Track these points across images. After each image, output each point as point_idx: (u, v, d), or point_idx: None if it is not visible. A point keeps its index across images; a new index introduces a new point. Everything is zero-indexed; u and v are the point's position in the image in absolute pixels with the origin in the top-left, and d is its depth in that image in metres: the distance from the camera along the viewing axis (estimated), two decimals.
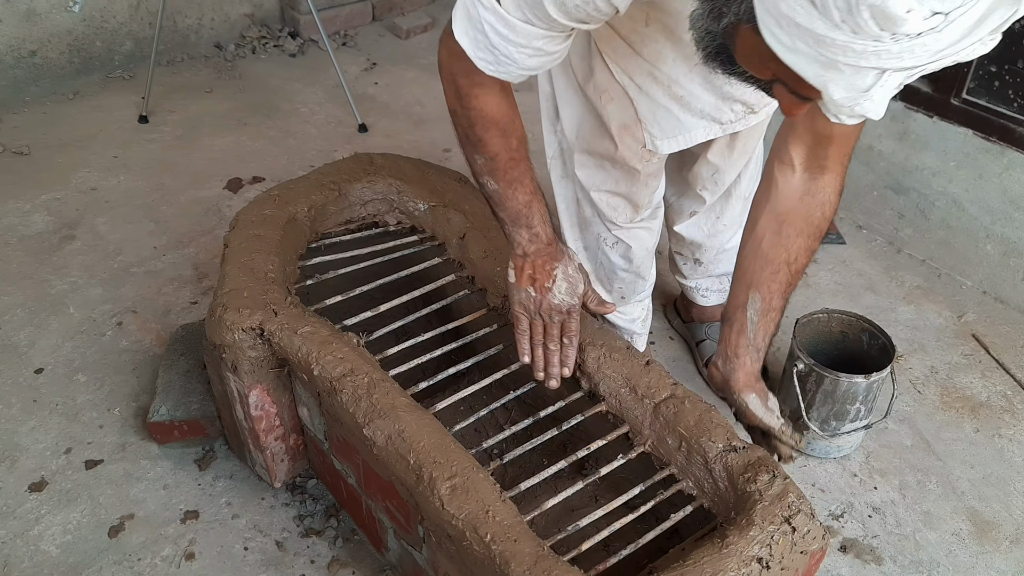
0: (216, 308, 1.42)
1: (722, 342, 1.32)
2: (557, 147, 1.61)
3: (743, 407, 1.30)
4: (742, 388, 1.30)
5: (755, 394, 1.30)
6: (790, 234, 1.25)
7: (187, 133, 2.68)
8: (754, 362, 1.31)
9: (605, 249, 1.63)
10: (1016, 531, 1.62)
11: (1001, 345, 2.03)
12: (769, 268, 1.26)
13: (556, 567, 1.06)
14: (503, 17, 1.05)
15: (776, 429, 1.28)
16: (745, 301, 1.28)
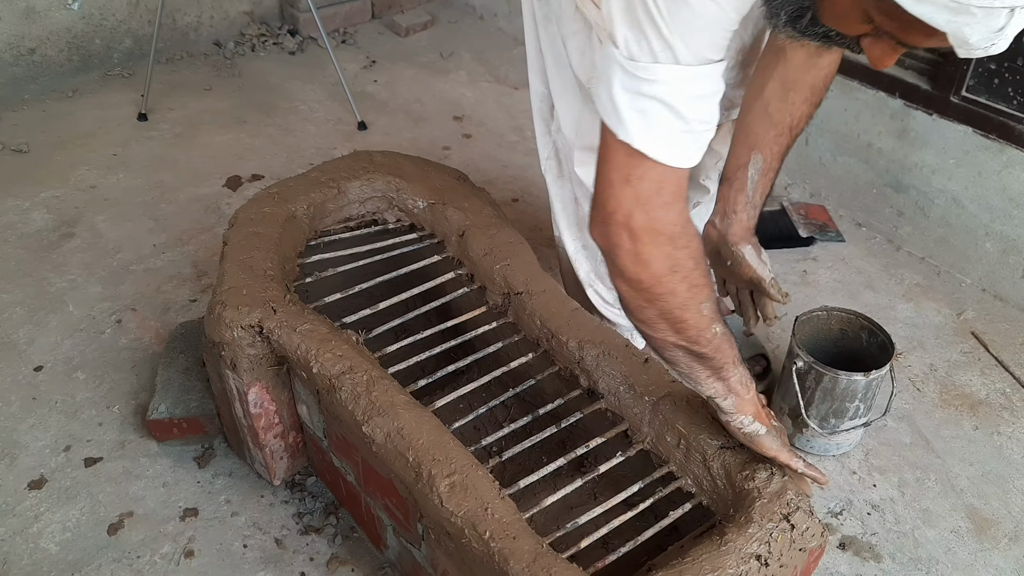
0: (215, 306, 1.42)
1: (720, 201, 1.40)
2: (552, 148, 1.61)
3: (739, 258, 1.39)
4: (739, 240, 1.40)
5: (750, 246, 1.41)
6: (795, 101, 1.32)
7: (186, 131, 2.68)
8: (750, 218, 1.41)
9: None
10: (1015, 528, 1.62)
11: (1000, 343, 2.03)
12: (774, 131, 1.35)
13: (555, 564, 1.07)
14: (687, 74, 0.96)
15: (767, 280, 1.38)
16: (747, 161, 1.36)
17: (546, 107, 1.57)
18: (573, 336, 1.39)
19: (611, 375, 1.34)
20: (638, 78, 0.97)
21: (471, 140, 2.73)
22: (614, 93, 0.99)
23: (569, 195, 1.62)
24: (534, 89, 1.58)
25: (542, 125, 1.60)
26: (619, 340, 1.38)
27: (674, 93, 0.97)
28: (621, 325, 1.76)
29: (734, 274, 1.47)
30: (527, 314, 1.47)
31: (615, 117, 1.00)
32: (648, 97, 0.98)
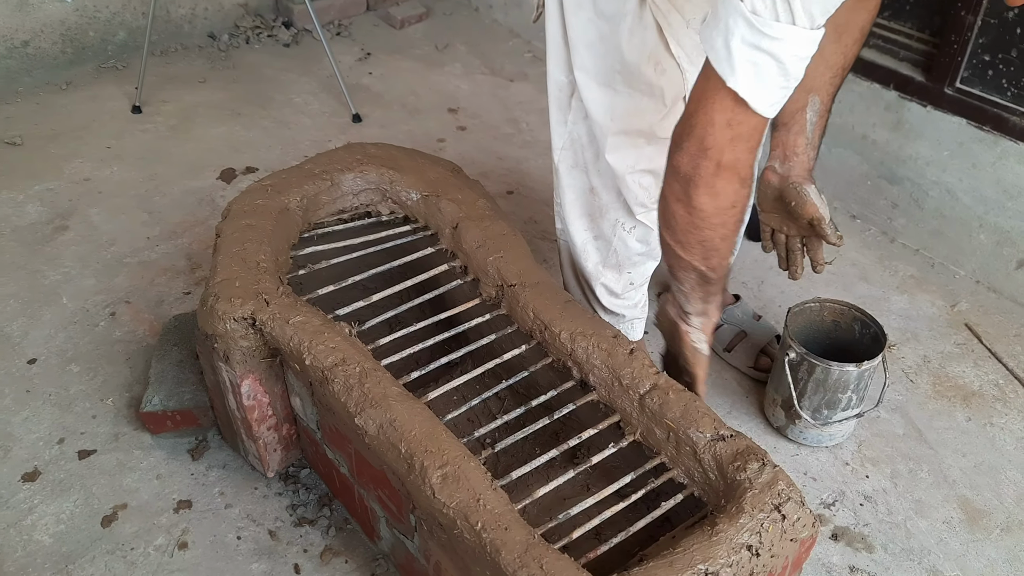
0: (208, 298, 1.42)
1: (778, 146, 1.46)
2: (568, 138, 1.60)
3: (804, 196, 1.46)
4: (803, 180, 1.47)
5: (813, 186, 1.47)
6: (848, 43, 1.38)
7: (180, 123, 2.68)
8: (811, 159, 1.48)
9: (622, 235, 1.63)
10: (1007, 519, 1.62)
11: (994, 334, 2.04)
12: (829, 73, 1.40)
13: (546, 555, 1.07)
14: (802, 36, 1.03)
15: (827, 219, 1.46)
16: (805, 104, 1.42)
17: (564, 96, 1.57)
18: (565, 328, 1.39)
19: (599, 368, 1.35)
20: (762, 33, 1.03)
21: (466, 132, 2.73)
22: (731, 43, 1.05)
23: (583, 185, 1.61)
24: (553, 78, 1.57)
25: (558, 115, 1.60)
26: (607, 331, 1.38)
27: (788, 52, 1.04)
28: (624, 316, 1.75)
29: (794, 216, 1.52)
30: (520, 306, 1.47)
31: (727, 64, 1.07)
32: (765, 52, 1.04)
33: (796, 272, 1.62)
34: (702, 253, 1.24)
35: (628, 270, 1.69)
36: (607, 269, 1.67)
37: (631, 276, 1.70)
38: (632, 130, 1.49)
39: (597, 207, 1.62)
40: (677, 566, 1.05)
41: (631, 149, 1.51)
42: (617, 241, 1.64)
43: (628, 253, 1.65)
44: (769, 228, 1.61)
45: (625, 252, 1.65)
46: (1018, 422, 1.82)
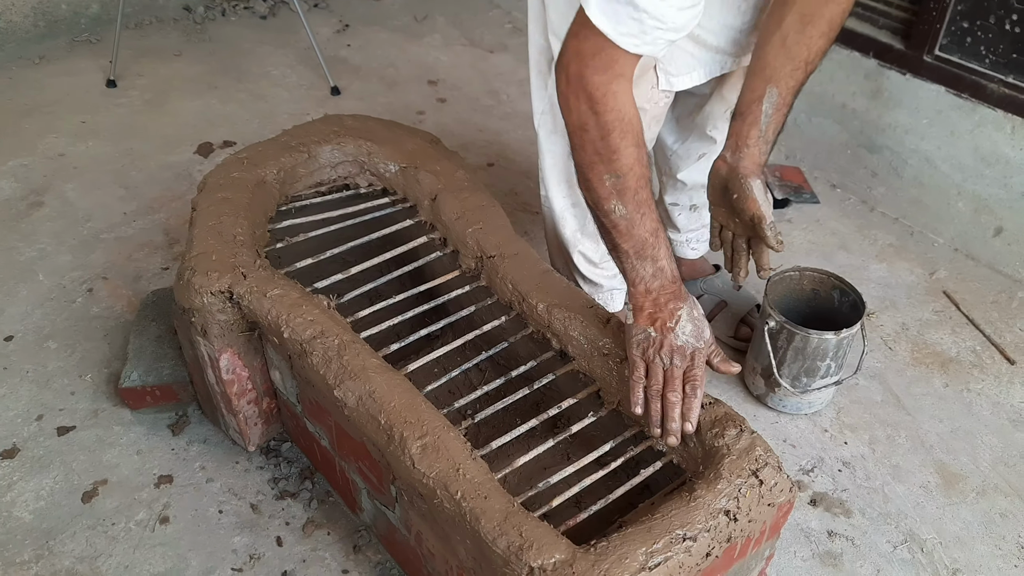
0: (184, 272, 1.41)
1: (732, 136, 1.41)
2: (548, 102, 1.58)
3: (747, 191, 1.40)
4: (749, 174, 1.40)
5: (760, 181, 1.41)
6: (813, 35, 1.34)
7: (156, 97, 2.64)
8: (762, 153, 1.41)
9: None
10: (983, 483, 1.65)
11: (971, 301, 2.05)
12: (790, 65, 1.35)
13: (526, 522, 1.07)
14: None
15: (767, 221, 1.39)
16: (762, 95, 1.37)
17: (544, 60, 1.55)
18: (542, 299, 1.39)
19: (577, 338, 1.35)
20: None
21: (446, 104, 2.71)
22: None
23: (562, 150, 1.60)
24: (533, 41, 1.55)
25: (539, 79, 1.58)
26: (584, 301, 1.38)
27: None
28: (602, 286, 1.75)
29: (737, 211, 1.46)
30: (499, 277, 1.47)
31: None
32: None
33: (738, 274, 1.53)
34: (583, 182, 1.25)
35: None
36: (584, 237, 1.67)
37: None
38: None
39: (573, 173, 1.61)
40: (655, 532, 1.06)
41: None
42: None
43: None
44: (717, 224, 1.55)
45: None
46: (994, 388, 1.84)
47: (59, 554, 1.44)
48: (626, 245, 1.25)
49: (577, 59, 1.15)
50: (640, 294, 1.26)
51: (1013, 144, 1.99)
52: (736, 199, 1.41)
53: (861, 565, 1.49)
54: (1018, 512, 1.59)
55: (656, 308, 1.26)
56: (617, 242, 1.26)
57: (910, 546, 1.53)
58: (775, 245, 1.42)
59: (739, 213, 1.45)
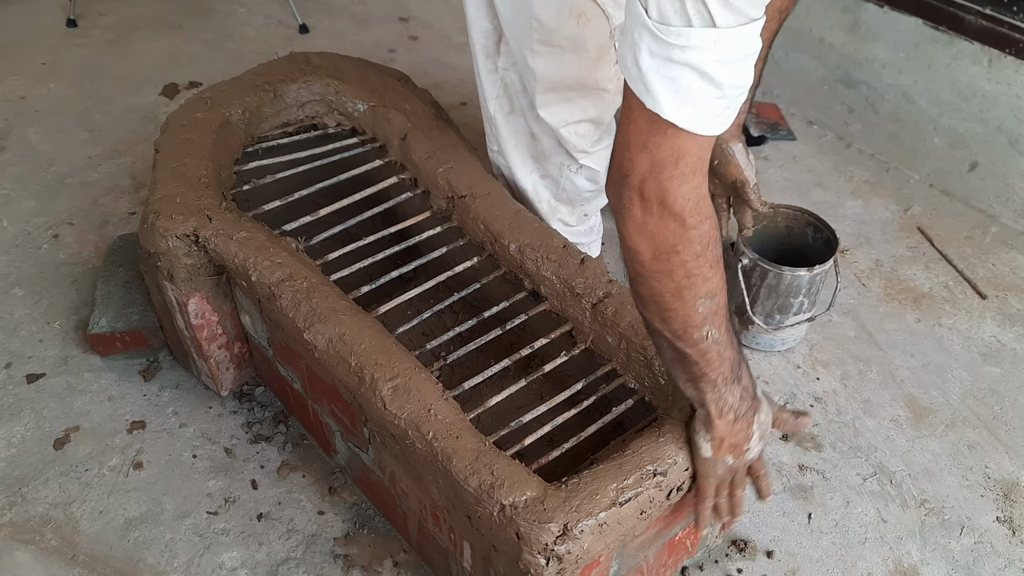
0: (148, 215, 1.38)
1: None
2: (500, 85, 1.52)
3: (728, 156, 1.35)
4: (730, 138, 1.36)
5: (740, 144, 1.37)
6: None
7: (119, 37, 2.56)
8: (742, 112, 1.33)
9: (569, 176, 1.58)
10: (952, 415, 1.67)
11: (945, 237, 2.06)
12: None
13: (497, 461, 1.08)
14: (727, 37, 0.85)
15: (751, 183, 1.35)
16: None
17: (491, 43, 1.47)
18: (514, 239, 1.38)
19: (550, 279, 1.34)
20: (668, 44, 0.86)
21: (418, 42, 2.65)
22: (640, 58, 0.88)
23: (523, 130, 1.55)
24: (476, 24, 1.46)
25: (487, 63, 1.50)
26: (556, 241, 1.37)
27: (709, 59, 0.86)
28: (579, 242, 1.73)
29: (718, 175, 1.43)
30: (471, 218, 1.45)
31: (641, 84, 0.89)
32: (679, 64, 0.87)
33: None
34: (658, 312, 1.01)
35: (580, 204, 1.65)
36: (560, 203, 1.63)
37: (584, 208, 1.67)
38: (560, 86, 1.42)
39: (541, 152, 1.56)
40: (626, 467, 1.07)
41: (563, 104, 1.45)
42: (565, 180, 1.59)
43: (577, 191, 1.61)
44: None
45: (574, 190, 1.61)
46: (965, 322, 1.86)
47: (32, 501, 1.43)
48: (714, 373, 1.04)
49: (654, 174, 0.93)
50: (726, 424, 1.07)
51: (990, 78, 1.98)
52: (717, 165, 1.36)
53: (831, 497, 1.52)
54: (985, 444, 1.62)
55: (737, 436, 1.10)
56: (704, 371, 1.03)
57: (879, 478, 1.55)
58: (759, 207, 1.40)
59: (721, 177, 1.42)
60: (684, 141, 0.91)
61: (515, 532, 1.02)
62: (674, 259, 0.96)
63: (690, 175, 0.93)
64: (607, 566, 1.14)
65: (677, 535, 1.27)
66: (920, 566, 1.43)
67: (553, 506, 1.02)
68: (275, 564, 1.37)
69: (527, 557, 1.01)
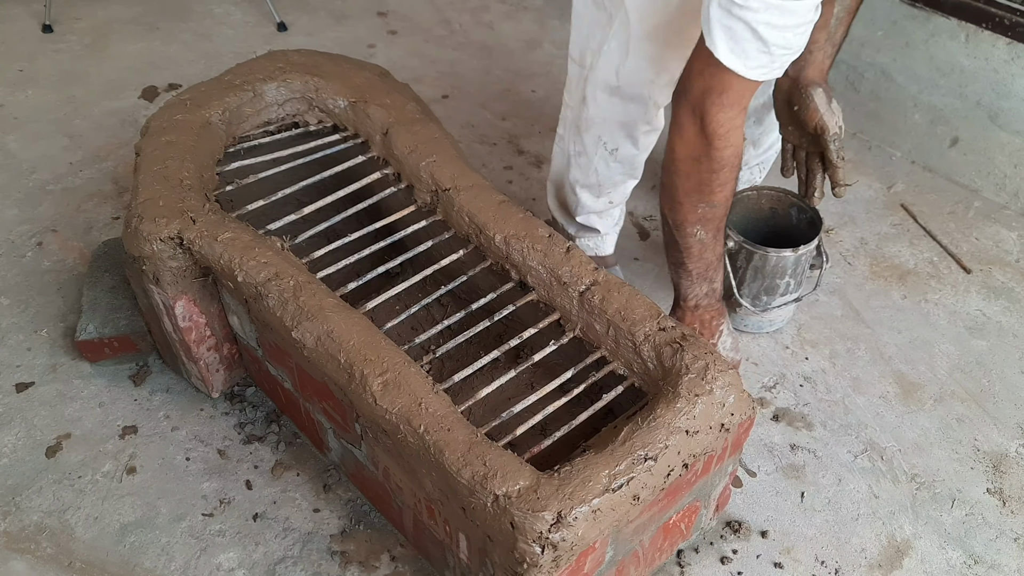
0: (132, 219, 1.37)
1: None
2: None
3: (807, 100, 1.38)
4: (810, 83, 1.38)
5: (822, 89, 1.40)
6: None
7: (96, 41, 2.55)
8: (827, 56, 1.40)
9: (604, 155, 1.58)
10: (940, 390, 1.68)
11: (929, 213, 2.07)
12: None
13: (489, 452, 1.08)
14: (777, 6, 1.06)
15: (831, 131, 1.38)
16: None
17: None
18: (499, 231, 1.38)
19: (537, 269, 1.34)
20: (732, 1, 1.07)
21: (397, 36, 2.64)
22: (711, 7, 1.11)
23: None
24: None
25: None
26: (542, 232, 1.37)
27: (760, 20, 1.07)
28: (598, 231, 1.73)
29: (799, 122, 1.43)
30: (455, 210, 1.45)
31: (707, 27, 1.13)
32: (737, 19, 1.08)
33: (813, 195, 1.54)
34: (669, 201, 1.29)
35: (608, 190, 1.64)
36: (585, 188, 1.64)
37: (611, 195, 1.66)
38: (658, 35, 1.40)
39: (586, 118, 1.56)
40: (618, 454, 1.07)
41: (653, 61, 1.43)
42: (598, 160, 1.59)
43: (609, 174, 1.61)
44: (790, 145, 1.53)
45: (606, 172, 1.60)
46: (951, 297, 1.87)
47: (26, 509, 1.43)
48: (693, 266, 1.34)
49: (705, 96, 1.18)
50: (689, 309, 1.36)
51: (967, 52, 1.99)
52: (797, 111, 1.39)
53: (823, 475, 1.53)
54: (974, 417, 1.64)
55: (700, 325, 1.37)
56: (684, 261, 1.34)
57: (870, 455, 1.57)
58: (835, 159, 1.41)
59: (801, 124, 1.42)
60: (730, 78, 1.14)
61: (509, 522, 1.02)
62: (695, 167, 1.24)
63: (729, 106, 1.17)
64: (602, 552, 1.14)
65: (672, 519, 1.28)
66: (913, 540, 1.44)
67: (546, 494, 1.03)
68: (272, 563, 1.37)
69: (522, 546, 1.02)
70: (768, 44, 1.10)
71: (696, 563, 1.40)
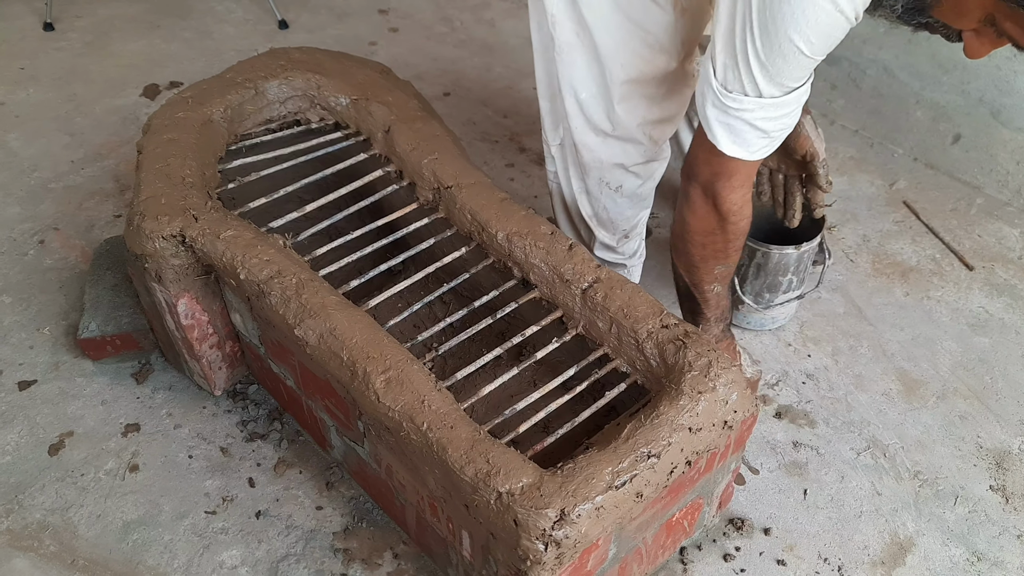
0: (134, 217, 1.37)
1: None
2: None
3: (798, 128, 1.41)
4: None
5: (808, 116, 1.43)
6: None
7: (97, 39, 2.55)
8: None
9: (609, 193, 1.56)
10: (942, 387, 1.68)
11: (931, 210, 2.07)
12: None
13: (492, 449, 1.08)
14: (771, 104, 1.11)
15: (820, 157, 1.44)
16: None
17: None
18: (502, 228, 1.37)
19: (540, 265, 1.34)
20: (726, 104, 1.13)
21: (398, 34, 2.64)
22: (706, 107, 1.16)
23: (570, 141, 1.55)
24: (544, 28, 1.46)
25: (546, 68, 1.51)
26: (544, 229, 1.36)
27: (757, 117, 1.13)
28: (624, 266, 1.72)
29: (788, 149, 1.45)
30: (458, 208, 1.45)
31: (706, 124, 1.18)
32: (734, 117, 1.14)
33: (793, 217, 1.56)
34: (686, 265, 1.38)
35: (622, 226, 1.63)
36: (599, 225, 1.62)
37: (624, 229, 1.64)
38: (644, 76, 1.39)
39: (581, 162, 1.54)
40: (620, 451, 1.07)
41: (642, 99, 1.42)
42: (605, 198, 1.57)
43: (618, 210, 1.59)
44: (767, 168, 1.54)
45: (615, 209, 1.59)
46: (953, 294, 1.87)
47: (29, 507, 1.43)
48: (710, 313, 1.42)
49: (715, 181, 1.24)
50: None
51: None
52: (787, 138, 1.37)
53: (826, 473, 1.53)
54: (976, 414, 1.63)
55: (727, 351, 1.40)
56: (702, 311, 1.42)
57: (873, 452, 1.57)
58: (824, 185, 1.48)
59: (791, 152, 1.44)
60: (736, 164, 1.20)
61: (513, 519, 1.02)
62: (710, 238, 1.31)
63: (739, 187, 1.24)
64: (605, 549, 1.14)
65: (674, 516, 1.28)
66: (916, 537, 1.44)
67: (549, 492, 1.03)
68: (275, 561, 1.37)
69: (525, 543, 1.02)
70: (768, 132, 1.16)
71: (699, 560, 1.40)
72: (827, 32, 1.04)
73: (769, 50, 1.05)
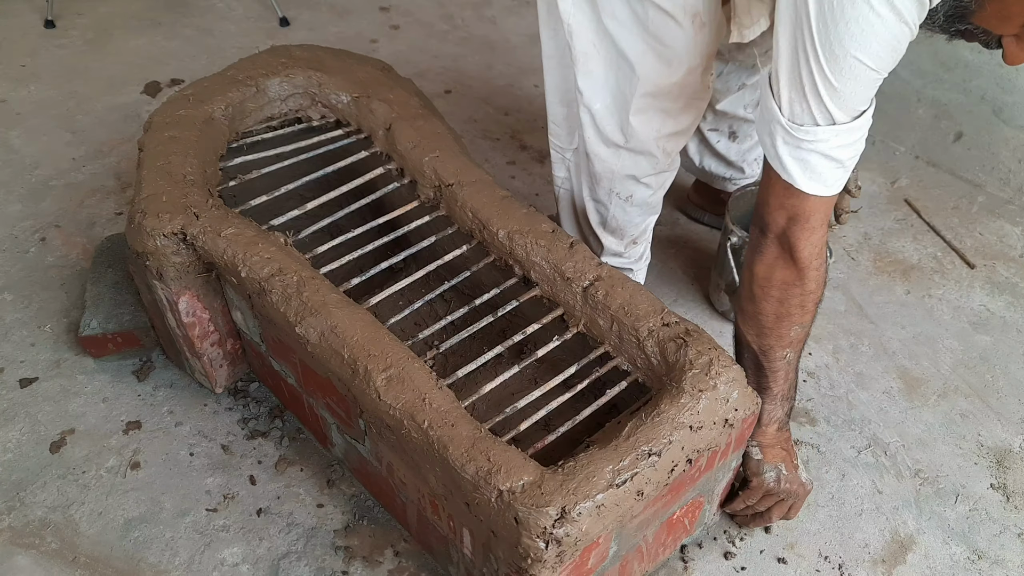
0: (135, 215, 1.37)
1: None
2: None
3: None
4: None
5: None
6: None
7: (98, 36, 2.55)
8: None
9: (619, 203, 1.56)
10: (943, 385, 1.68)
11: (933, 208, 2.07)
12: None
13: (493, 447, 1.08)
14: (845, 130, 1.08)
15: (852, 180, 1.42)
16: None
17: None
18: (503, 226, 1.37)
19: (541, 263, 1.34)
20: (798, 138, 1.10)
21: (399, 31, 2.64)
22: (777, 145, 1.13)
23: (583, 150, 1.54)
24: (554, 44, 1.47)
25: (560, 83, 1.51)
26: (545, 227, 1.36)
27: (832, 146, 1.09)
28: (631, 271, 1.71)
29: None
30: (459, 206, 1.45)
31: (778, 163, 1.14)
32: (808, 151, 1.10)
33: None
34: (756, 328, 1.26)
35: (630, 232, 1.62)
36: (608, 233, 1.62)
37: (633, 236, 1.64)
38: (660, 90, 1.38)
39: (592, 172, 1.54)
40: (621, 449, 1.07)
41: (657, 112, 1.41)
42: (615, 208, 1.57)
43: (628, 219, 1.59)
44: None
45: (624, 218, 1.59)
46: (955, 292, 1.87)
47: (31, 505, 1.43)
48: (776, 388, 1.29)
49: (791, 226, 1.17)
50: (772, 433, 1.32)
51: (971, 47, 1.97)
52: None
53: (827, 471, 1.53)
54: (978, 412, 1.63)
55: (787, 447, 1.34)
56: (769, 385, 1.28)
57: (874, 450, 1.57)
58: (853, 191, 1.47)
59: None
60: (814, 202, 1.15)
61: (514, 517, 1.02)
62: (787, 290, 1.22)
63: (818, 227, 1.17)
64: (606, 547, 1.14)
65: (675, 514, 1.28)
66: (916, 535, 1.44)
67: (550, 490, 1.03)
68: (276, 558, 1.38)
69: (526, 541, 1.02)
70: (842, 161, 1.12)
71: (700, 558, 1.40)
72: (892, 45, 1.04)
73: (838, 74, 1.04)
